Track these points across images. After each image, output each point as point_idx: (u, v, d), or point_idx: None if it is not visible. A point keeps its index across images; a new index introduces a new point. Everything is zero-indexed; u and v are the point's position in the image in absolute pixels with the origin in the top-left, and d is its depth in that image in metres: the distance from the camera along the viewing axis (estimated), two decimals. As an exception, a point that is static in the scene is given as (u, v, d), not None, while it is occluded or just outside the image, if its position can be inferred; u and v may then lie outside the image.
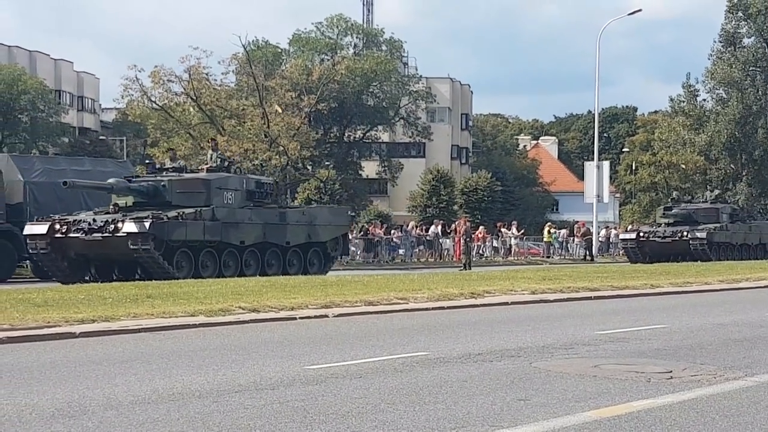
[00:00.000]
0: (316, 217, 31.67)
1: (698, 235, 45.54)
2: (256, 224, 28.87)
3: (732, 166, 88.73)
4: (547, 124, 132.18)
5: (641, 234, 47.96)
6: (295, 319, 16.00)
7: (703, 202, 51.27)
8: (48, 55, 78.51)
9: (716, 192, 54.84)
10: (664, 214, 49.88)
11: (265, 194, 30.32)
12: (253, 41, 71.59)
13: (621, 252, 53.57)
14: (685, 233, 45.86)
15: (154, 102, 57.10)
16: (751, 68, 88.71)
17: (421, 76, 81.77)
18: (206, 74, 55.77)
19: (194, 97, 54.96)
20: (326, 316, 16.52)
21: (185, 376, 9.99)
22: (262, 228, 28.99)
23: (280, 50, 77.14)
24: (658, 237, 46.97)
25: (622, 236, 52.41)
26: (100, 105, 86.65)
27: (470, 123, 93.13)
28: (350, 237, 44.17)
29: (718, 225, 47.51)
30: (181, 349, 12.43)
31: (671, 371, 10.52)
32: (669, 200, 54.57)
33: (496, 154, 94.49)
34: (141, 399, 8.64)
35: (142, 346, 12.60)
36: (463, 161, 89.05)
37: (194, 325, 14.73)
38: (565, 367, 10.76)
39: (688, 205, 50.15)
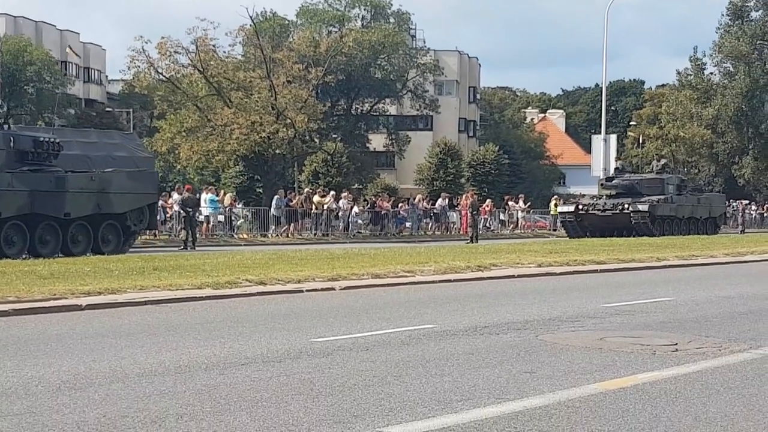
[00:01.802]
0: (111, 183, 26.98)
1: (640, 208, 42.35)
2: (19, 192, 24.26)
3: (738, 140, 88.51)
4: (554, 98, 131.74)
5: (581, 207, 44.73)
6: (301, 291, 16.03)
7: (649, 172, 48.53)
8: (54, 25, 78.35)
9: (663, 161, 51.62)
10: (604, 185, 46.85)
11: (45, 155, 25.43)
12: (260, 13, 71.46)
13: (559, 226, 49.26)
14: (626, 206, 42.75)
15: (161, 73, 57.07)
16: (758, 42, 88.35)
17: (428, 49, 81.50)
18: (213, 46, 55.81)
19: (201, 69, 54.92)
20: (333, 288, 16.54)
21: (192, 348, 10.02)
22: (28, 196, 24.42)
23: (287, 22, 76.94)
24: (598, 210, 43.79)
25: (560, 209, 48.49)
26: (106, 76, 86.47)
27: (478, 96, 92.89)
28: (356, 210, 44.26)
29: (662, 197, 44.39)
30: (188, 321, 12.46)
31: (676, 344, 10.53)
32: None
33: (504, 127, 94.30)
34: (147, 371, 8.66)
35: (148, 319, 12.63)
36: (471, 134, 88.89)
37: (201, 298, 14.76)
38: (570, 340, 10.78)
39: (631, 176, 47.18)
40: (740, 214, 65.33)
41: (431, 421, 6.79)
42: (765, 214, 71.26)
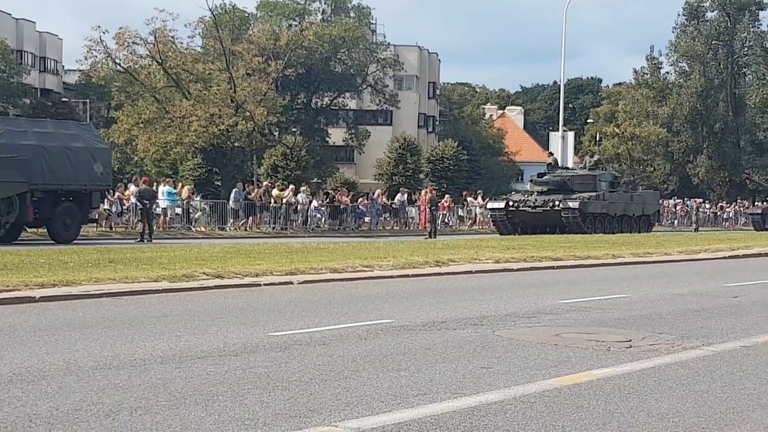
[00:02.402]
0: None
1: (570, 204, 41.16)
2: None
3: (693, 138, 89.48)
4: (513, 94, 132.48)
5: (511, 203, 43.39)
6: (259, 285, 16.00)
7: (581, 168, 47.15)
8: (10, 14, 77.45)
9: (596, 158, 50.37)
10: (535, 180, 45.40)
11: None
12: (220, 5, 71.08)
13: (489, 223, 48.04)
14: (557, 203, 41.53)
15: (119, 64, 56.58)
16: (713, 42, 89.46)
17: (389, 44, 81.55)
18: (172, 37, 55.36)
19: (160, 60, 54.51)
20: (291, 282, 16.52)
21: (147, 341, 9.96)
22: None
23: (247, 14, 76.64)
24: (529, 207, 42.46)
25: (490, 205, 47.01)
26: (62, 66, 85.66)
27: (437, 92, 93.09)
28: (315, 204, 44.21)
29: (594, 194, 43.08)
30: (144, 314, 12.39)
31: (631, 340, 10.63)
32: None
33: (463, 123, 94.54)
34: (102, 364, 8.60)
35: (103, 312, 12.54)
36: (430, 130, 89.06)
37: (157, 291, 14.68)
38: (527, 336, 10.84)
39: (563, 172, 45.72)
40: (694, 212, 66.03)
41: (387, 416, 6.80)
42: (718, 213, 72.07)
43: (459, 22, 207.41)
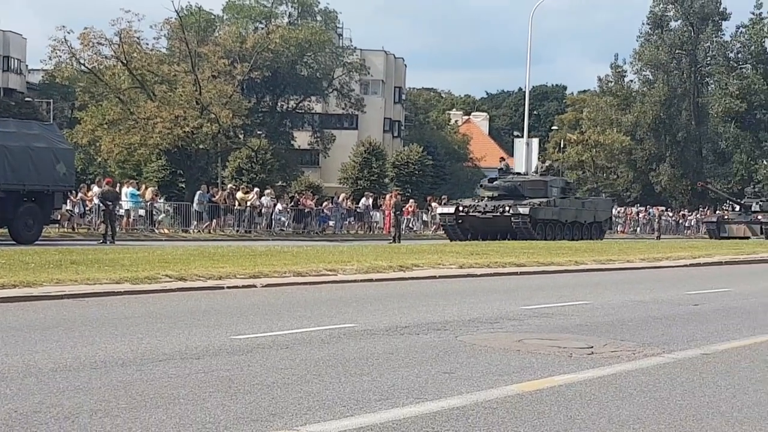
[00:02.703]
0: None
1: (521, 210, 40.36)
2: None
3: (656, 147, 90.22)
4: (478, 100, 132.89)
5: (461, 208, 42.51)
6: (222, 288, 15.94)
7: (533, 173, 46.32)
8: (-27, 13, 76.78)
9: (547, 163, 49.18)
10: (485, 185, 44.45)
11: None
12: (186, 6, 70.63)
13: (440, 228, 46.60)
14: (507, 208, 40.69)
15: (83, 64, 56.24)
16: (677, 51, 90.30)
17: (355, 48, 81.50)
18: (138, 38, 55.07)
19: (125, 61, 54.23)
20: (254, 286, 16.47)
21: (108, 344, 9.90)
22: None
23: (213, 17, 76.31)
24: (479, 212, 41.64)
25: (440, 210, 45.94)
26: (26, 66, 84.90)
27: (403, 96, 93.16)
28: (279, 208, 44.14)
29: (544, 200, 42.36)
30: (105, 316, 12.31)
31: (592, 347, 10.69)
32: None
33: (428, 128, 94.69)
34: (62, 366, 8.54)
35: (64, 313, 12.46)
36: (396, 135, 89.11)
37: (119, 293, 14.60)
38: (490, 341, 10.87)
39: (514, 177, 44.64)
40: (656, 220, 66.51)
41: (349, 421, 6.80)
42: (680, 221, 72.64)
43: (425, 28, 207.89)
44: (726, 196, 70.85)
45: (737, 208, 63.30)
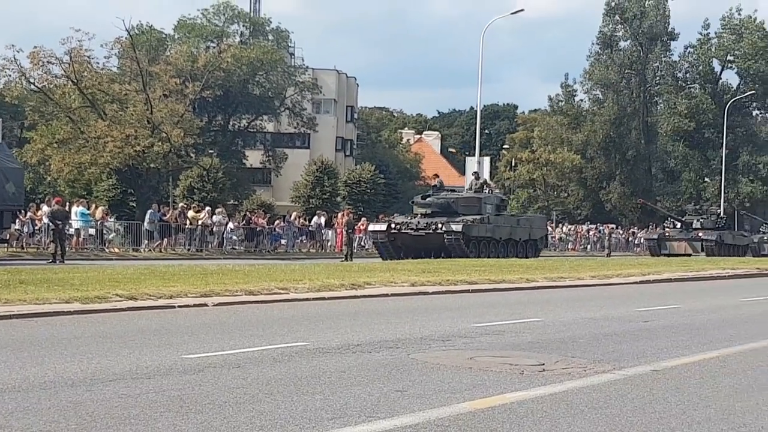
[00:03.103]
0: None
1: (453, 227, 39.18)
2: None
3: (606, 165, 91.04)
4: (430, 119, 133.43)
5: (393, 226, 41.16)
6: (173, 307, 15.84)
7: (468, 189, 45.18)
8: None
9: (482, 179, 47.55)
10: (417, 202, 43.58)
11: None
12: (137, 25, 70.40)
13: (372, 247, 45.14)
14: (439, 225, 39.62)
15: (33, 83, 55.78)
16: (626, 71, 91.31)
17: (307, 67, 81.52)
18: (88, 57, 54.70)
19: (75, 80, 53.85)
20: (206, 305, 16.39)
21: (58, 364, 9.80)
22: None
23: (164, 36, 76.06)
24: (411, 229, 40.45)
25: (371, 228, 44.65)
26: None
27: (355, 115, 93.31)
28: (231, 226, 43.95)
29: (478, 217, 41.30)
30: (55, 336, 12.19)
31: (544, 364, 10.74)
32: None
33: (380, 147, 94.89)
34: (10, 387, 8.45)
35: (13, 333, 12.31)
36: (348, 153, 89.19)
37: (69, 312, 14.45)
38: (442, 359, 10.89)
39: (448, 194, 43.65)
40: (607, 237, 67.07)
41: (301, 439, 6.78)
42: (630, 238, 73.28)
43: (377, 47, 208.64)
44: (666, 213, 70.56)
45: (678, 225, 63.51)
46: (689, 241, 60.10)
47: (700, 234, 60.01)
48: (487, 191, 44.67)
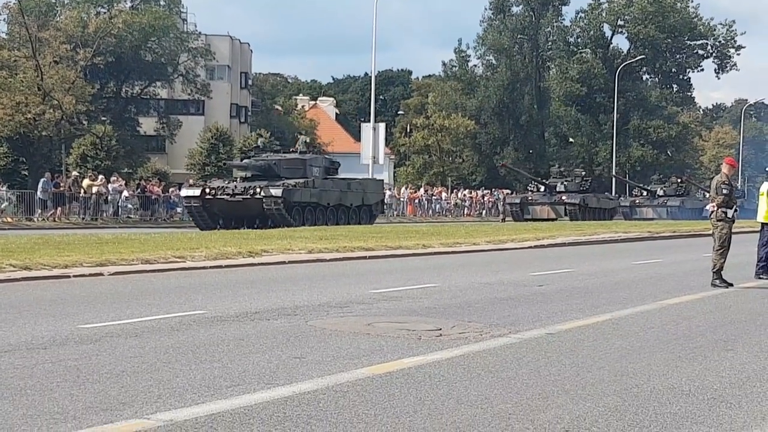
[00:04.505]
0: None
1: (272, 192, 36.30)
2: None
3: (500, 130, 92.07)
4: (325, 85, 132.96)
5: (207, 190, 37.84)
6: (69, 277, 15.63)
7: (293, 151, 42.40)
8: None
9: (306, 139, 45.93)
10: (236, 164, 41.35)
11: None
12: (25, -10, 68.63)
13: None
14: (258, 190, 36.71)
15: None
16: (519, 36, 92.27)
17: (200, 33, 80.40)
18: (-26, 22, 53.31)
19: (-39, 46, 52.44)
20: (101, 274, 16.22)
21: (-50, 336, 9.63)
22: None
23: (54, 1, 74.27)
24: (228, 194, 37.20)
25: (183, 192, 41.07)
26: None
27: (249, 82, 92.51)
28: (125, 195, 43.37)
29: (302, 181, 38.49)
30: (-54, 308, 11.95)
31: (441, 329, 10.89)
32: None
33: (275, 114, 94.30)
34: None
35: None
36: (243, 120, 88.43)
37: (-41, 284, 14.17)
38: (339, 326, 10.98)
39: (270, 155, 40.41)
40: (501, 203, 67.86)
41: (200, 408, 6.80)
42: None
43: (271, 13, 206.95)
44: (530, 177, 68.93)
45: (542, 188, 61.00)
46: (552, 204, 58.20)
47: (563, 197, 57.88)
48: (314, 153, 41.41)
